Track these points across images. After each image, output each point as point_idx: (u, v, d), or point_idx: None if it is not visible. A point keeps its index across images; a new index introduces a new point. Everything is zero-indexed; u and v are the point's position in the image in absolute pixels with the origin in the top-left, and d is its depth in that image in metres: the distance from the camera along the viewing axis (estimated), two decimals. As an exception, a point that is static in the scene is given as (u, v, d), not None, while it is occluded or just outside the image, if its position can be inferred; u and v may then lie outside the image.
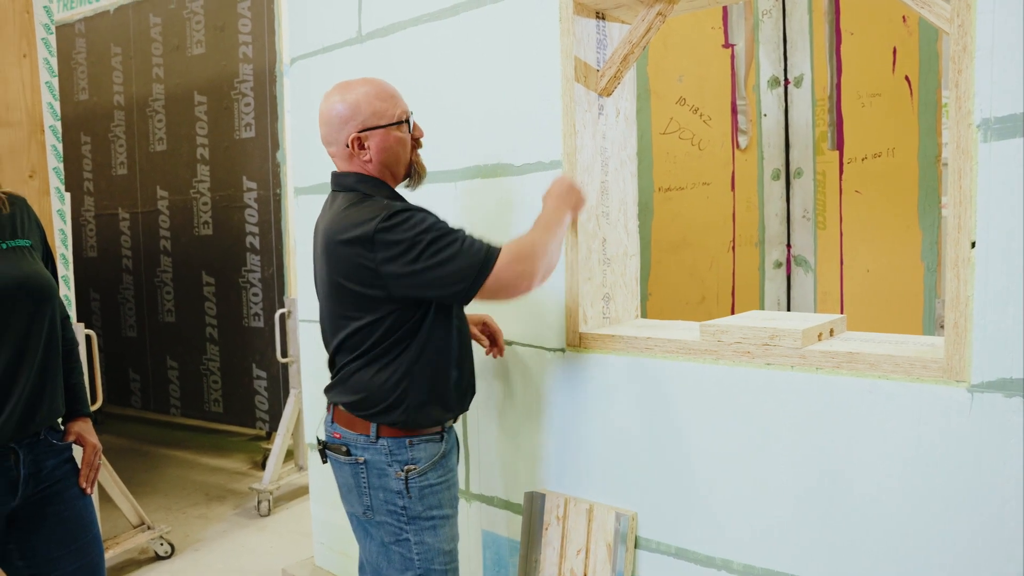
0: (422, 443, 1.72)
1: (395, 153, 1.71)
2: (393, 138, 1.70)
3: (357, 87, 1.70)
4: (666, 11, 1.88)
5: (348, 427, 1.74)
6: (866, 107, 3.29)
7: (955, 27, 1.42)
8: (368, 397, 1.70)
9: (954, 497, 1.47)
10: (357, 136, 1.68)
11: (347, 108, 1.67)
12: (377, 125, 1.68)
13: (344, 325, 1.70)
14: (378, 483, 1.72)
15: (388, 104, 1.69)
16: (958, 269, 1.45)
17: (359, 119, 1.67)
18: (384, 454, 1.71)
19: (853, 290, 3.40)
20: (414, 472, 1.70)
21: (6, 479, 1.54)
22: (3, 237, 1.59)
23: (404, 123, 1.71)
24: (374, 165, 1.71)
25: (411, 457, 1.71)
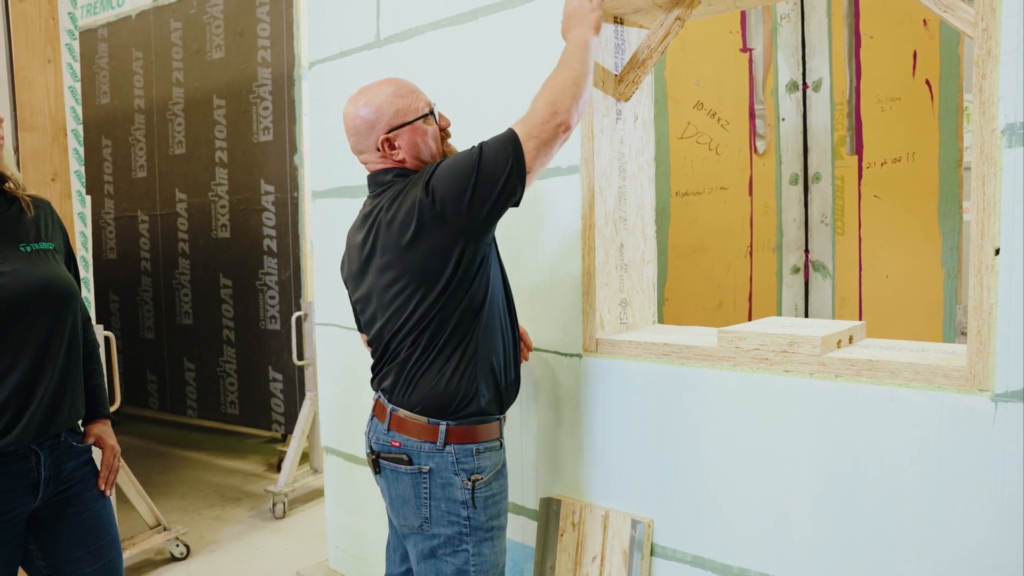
0: (487, 451, 1.71)
1: (426, 146, 1.72)
2: (421, 132, 1.71)
3: (377, 90, 1.71)
4: (684, 16, 1.87)
5: (411, 434, 1.68)
6: (886, 111, 3.26)
7: (979, 31, 1.41)
8: (438, 396, 1.66)
9: (978, 508, 1.45)
10: (386, 138, 1.69)
11: (372, 112, 1.69)
12: (404, 122, 1.69)
13: (399, 316, 1.66)
14: (441, 493, 1.67)
15: (410, 100, 1.70)
16: (981, 276, 1.43)
17: (384, 120, 1.68)
18: (451, 462, 1.67)
19: (872, 296, 3.37)
20: (481, 481, 1.68)
21: (27, 480, 1.55)
22: (27, 240, 1.61)
23: (429, 115, 1.72)
24: (408, 161, 1.72)
25: (477, 466, 1.68)
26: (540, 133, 1.58)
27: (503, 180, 1.57)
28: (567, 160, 2.02)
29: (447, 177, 1.58)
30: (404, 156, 1.70)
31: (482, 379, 1.68)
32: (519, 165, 1.57)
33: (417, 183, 1.62)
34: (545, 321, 2.11)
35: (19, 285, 1.52)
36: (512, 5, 2.12)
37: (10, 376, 1.51)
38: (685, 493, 1.86)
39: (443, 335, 1.65)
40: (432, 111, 1.73)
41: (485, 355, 1.69)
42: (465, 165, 1.58)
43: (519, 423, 2.20)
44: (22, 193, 1.66)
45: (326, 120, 2.75)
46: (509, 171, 1.57)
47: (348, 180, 2.66)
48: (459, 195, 1.57)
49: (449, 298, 1.63)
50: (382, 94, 1.70)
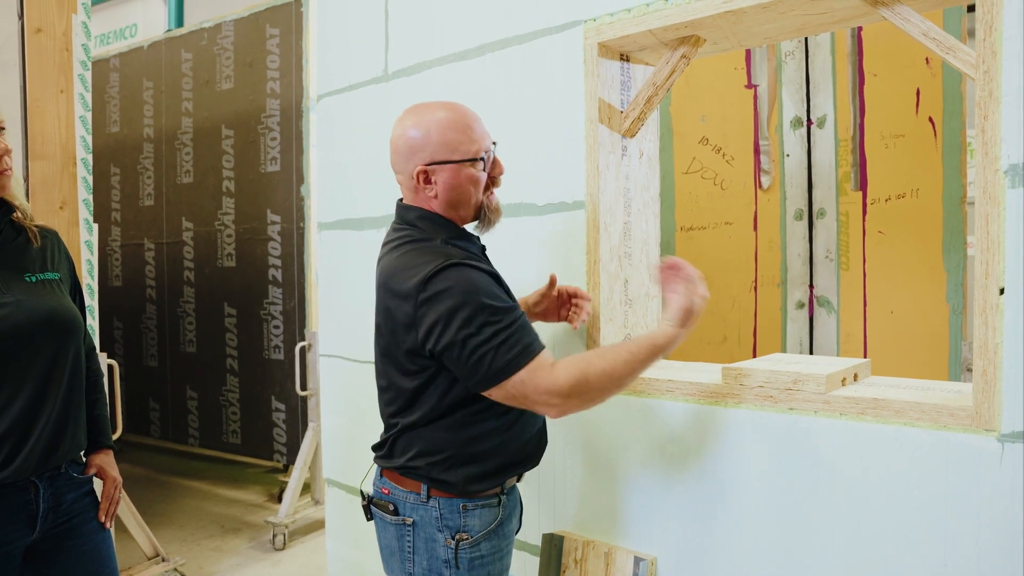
0: (477, 509, 1.55)
1: (464, 192, 1.53)
2: (464, 176, 1.52)
3: (432, 112, 1.53)
4: (690, 54, 1.89)
5: (398, 483, 1.58)
6: (889, 148, 3.28)
7: (981, 73, 1.42)
8: (418, 456, 1.54)
9: (984, 548, 1.43)
10: (424, 169, 1.51)
11: (418, 136, 1.51)
12: (447, 160, 1.51)
13: (396, 385, 1.56)
14: (424, 548, 1.56)
15: (463, 136, 1.51)
16: (986, 315, 1.42)
17: (428, 150, 1.50)
18: (434, 516, 1.54)
19: (877, 332, 3.36)
20: (465, 542, 1.53)
21: (25, 513, 1.54)
22: (33, 270, 1.61)
23: (479, 161, 1.53)
24: (439, 202, 1.54)
25: (463, 524, 1.54)
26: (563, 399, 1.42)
27: (473, 379, 1.43)
28: (572, 195, 2.03)
29: (435, 325, 1.42)
30: (438, 194, 1.53)
31: (490, 446, 1.56)
32: (500, 381, 1.41)
33: (414, 289, 1.43)
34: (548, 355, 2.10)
35: (22, 316, 1.52)
36: (519, 42, 2.15)
37: (11, 407, 1.50)
38: (689, 530, 1.84)
39: (442, 403, 1.53)
40: (484, 156, 1.54)
41: (504, 418, 1.57)
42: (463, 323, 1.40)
43: (522, 457, 2.18)
44: (29, 223, 1.66)
45: (332, 153, 2.78)
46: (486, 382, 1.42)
47: (353, 213, 2.68)
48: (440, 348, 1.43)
49: (441, 375, 1.51)
50: (435, 118, 1.51)
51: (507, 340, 1.41)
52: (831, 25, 1.81)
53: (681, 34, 1.87)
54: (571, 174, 2.03)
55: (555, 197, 2.07)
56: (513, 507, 1.67)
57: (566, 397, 1.42)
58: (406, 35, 2.47)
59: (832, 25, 1.81)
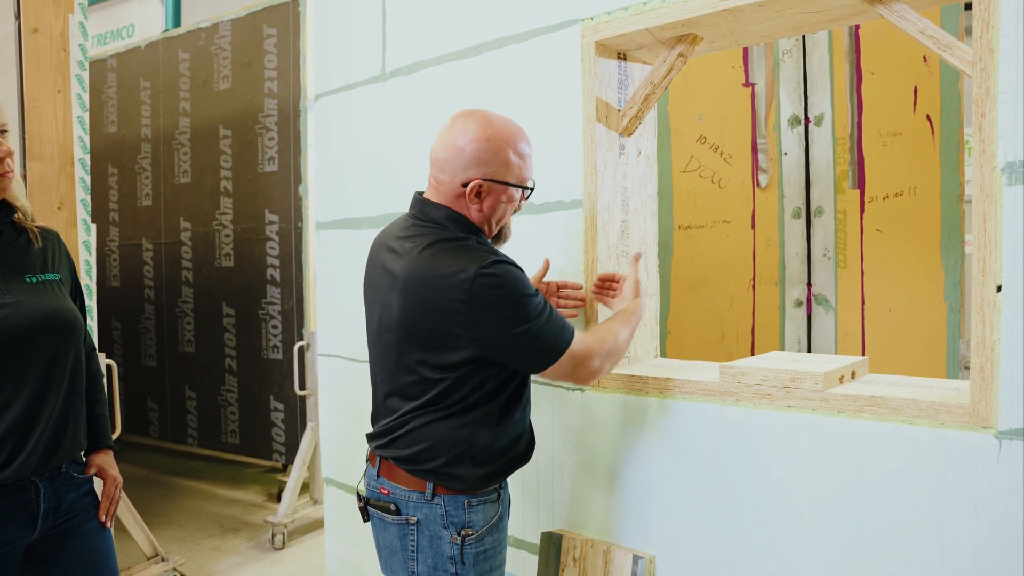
0: (480, 504, 1.60)
1: (502, 212, 1.63)
2: (506, 197, 1.60)
3: (503, 127, 1.57)
4: (687, 52, 1.90)
5: (399, 482, 1.60)
6: (887, 146, 3.28)
7: (977, 71, 1.42)
8: (429, 451, 1.57)
9: (982, 546, 1.43)
10: (480, 182, 1.54)
11: (484, 149, 1.55)
12: (504, 181, 1.57)
13: (413, 369, 1.56)
14: (429, 546, 1.58)
15: (522, 163, 1.59)
16: (984, 313, 1.43)
17: (492, 167, 1.55)
18: (440, 514, 1.58)
19: (875, 330, 3.36)
20: (471, 537, 1.58)
21: (25, 513, 1.54)
22: (33, 271, 1.61)
23: (529, 190, 1.64)
24: (478, 214, 1.60)
25: (468, 520, 1.58)
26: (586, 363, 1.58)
27: (528, 360, 1.56)
28: (569, 194, 2.03)
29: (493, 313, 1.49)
30: (481, 208, 1.59)
31: (497, 442, 1.61)
32: (549, 362, 1.54)
33: (469, 277, 1.47)
34: (547, 354, 2.10)
35: (22, 316, 1.52)
36: (517, 41, 2.15)
37: (12, 408, 1.50)
38: (687, 529, 1.84)
39: (461, 396, 1.57)
40: (532, 187, 1.64)
41: (510, 415, 1.64)
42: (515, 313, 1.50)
43: (520, 456, 2.19)
44: (31, 224, 1.67)
45: (330, 153, 2.78)
46: (540, 361, 1.55)
47: (351, 212, 2.68)
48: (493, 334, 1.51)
49: (469, 366, 1.55)
50: (505, 136, 1.57)
51: (555, 322, 1.55)
52: (828, 23, 1.81)
53: (678, 32, 1.87)
54: (569, 173, 2.03)
55: (553, 196, 2.08)
56: (507, 503, 1.75)
57: (604, 358, 1.60)
58: (403, 34, 2.47)
59: (829, 23, 1.82)
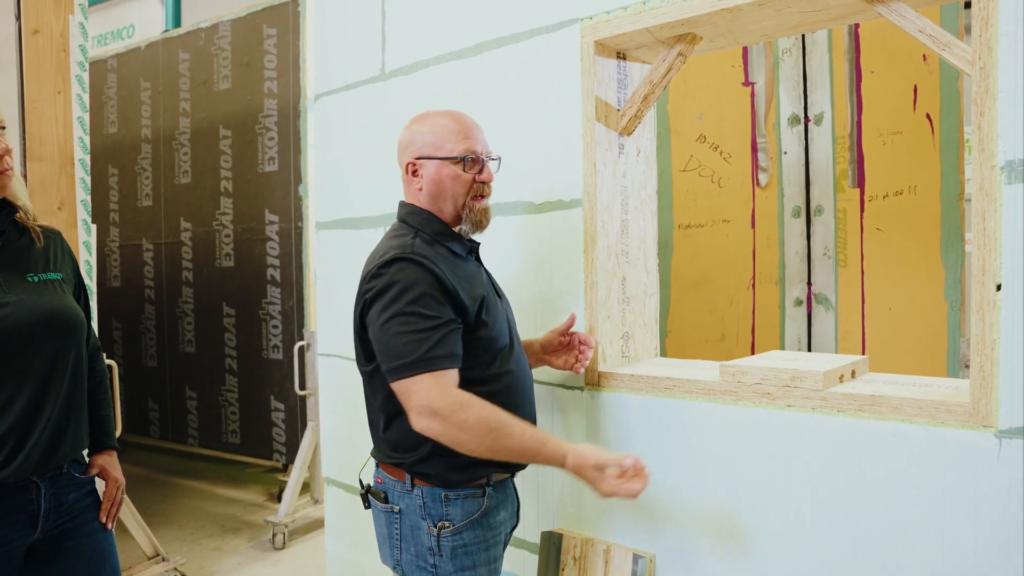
0: (459, 499, 1.61)
1: (444, 188, 1.65)
2: (446, 173, 1.65)
3: (431, 117, 1.70)
4: (687, 51, 1.90)
5: (387, 472, 1.67)
6: (887, 145, 3.28)
7: (977, 69, 1.43)
8: (401, 444, 1.62)
9: (982, 545, 1.43)
10: (412, 162, 1.68)
11: (411, 134, 1.69)
12: (432, 156, 1.65)
13: (364, 366, 1.66)
14: (410, 535, 1.63)
15: (451, 138, 1.65)
16: (983, 312, 1.43)
17: (417, 146, 1.67)
18: (418, 505, 1.61)
19: (875, 328, 3.36)
20: (447, 530, 1.59)
21: (26, 513, 1.54)
22: (35, 270, 1.62)
23: (461, 160, 1.65)
24: (424, 195, 1.68)
25: (444, 513, 1.60)
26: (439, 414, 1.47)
27: (383, 360, 1.53)
28: (569, 194, 2.03)
29: (373, 302, 1.55)
30: (423, 187, 1.67)
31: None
32: (398, 375, 1.50)
33: (373, 269, 1.56)
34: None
35: (23, 315, 1.52)
36: (516, 40, 2.15)
37: (12, 407, 1.50)
38: (687, 528, 1.84)
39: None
40: (468, 158, 1.65)
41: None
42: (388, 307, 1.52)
43: (521, 456, 2.19)
44: (32, 223, 1.67)
45: (330, 153, 2.78)
46: (386, 364, 1.52)
47: (351, 212, 2.68)
48: (370, 323, 1.56)
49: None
50: (431, 121, 1.69)
51: (417, 341, 1.48)
52: (828, 22, 1.81)
53: (677, 32, 1.87)
54: (568, 172, 2.03)
55: (552, 195, 2.08)
56: (502, 500, 1.70)
57: (431, 415, 1.47)
58: (403, 34, 2.47)
59: (829, 22, 1.81)
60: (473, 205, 1.67)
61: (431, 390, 1.47)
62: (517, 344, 1.75)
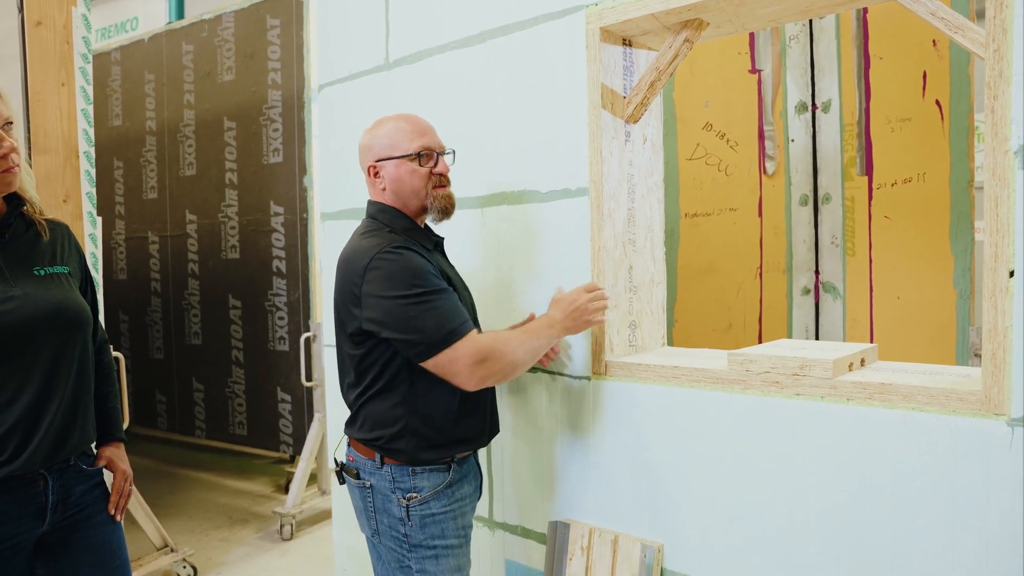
0: (426, 472, 1.74)
1: (405, 184, 1.78)
2: (404, 170, 1.78)
3: (386, 122, 1.82)
4: (693, 37, 1.88)
5: (358, 450, 1.80)
6: (896, 132, 3.25)
7: (990, 52, 1.40)
8: (373, 428, 1.74)
9: (993, 534, 1.42)
10: (372, 165, 1.81)
11: (370, 139, 1.82)
12: (389, 156, 1.78)
13: (347, 354, 1.77)
14: (383, 508, 1.76)
15: (405, 138, 1.78)
16: (995, 299, 1.41)
17: (376, 150, 1.80)
18: (388, 480, 1.74)
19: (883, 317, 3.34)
20: (415, 500, 1.72)
21: (34, 505, 1.53)
22: (41, 264, 1.61)
23: (417, 157, 1.77)
24: (388, 194, 1.81)
25: (413, 485, 1.73)
26: (466, 363, 1.62)
27: (408, 344, 1.64)
28: (576, 182, 2.02)
29: (376, 290, 1.65)
30: (386, 187, 1.80)
31: (424, 422, 1.72)
32: (430, 353, 1.63)
33: (365, 262, 1.66)
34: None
35: (29, 309, 1.52)
36: (521, 28, 2.14)
37: (19, 400, 1.50)
38: (696, 517, 1.84)
39: (380, 375, 1.72)
40: (423, 154, 1.78)
41: (432, 397, 1.72)
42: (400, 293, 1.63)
43: (527, 446, 2.18)
44: (39, 216, 1.66)
45: (334, 143, 2.77)
46: (419, 348, 1.63)
47: (356, 203, 2.67)
48: (374, 310, 1.65)
49: (379, 347, 1.70)
50: (387, 126, 1.81)
51: (438, 318, 1.62)
52: (836, 7, 1.79)
53: (684, 18, 1.85)
54: (574, 160, 2.02)
55: (558, 184, 2.06)
56: (467, 474, 1.83)
57: (481, 362, 1.62)
58: (407, 23, 2.45)
59: (837, 6, 1.79)
60: (436, 193, 1.80)
61: (472, 347, 1.62)
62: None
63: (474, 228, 2.27)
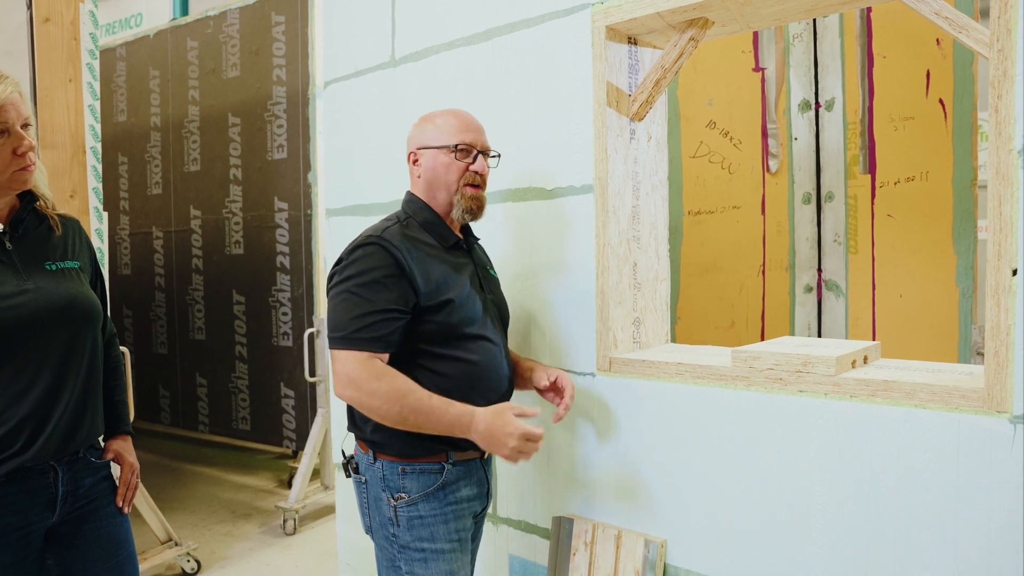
0: (415, 473, 1.69)
1: (438, 176, 1.78)
2: (440, 161, 1.78)
3: (438, 115, 1.83)
4: (698, 36, 1.88)
5: (359, 444, 1.80)
6: (899, 130, 3.26)
7: (995, 52, 1.41)
8: (357, 416, 1.75)
9: (995, 531, 1.43)
10: (412, 152, 1.83)
11: (418, 130, 1.83)
12: (429, 146, 1.79)
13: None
14: (375, 505, 1.75)
15: (449, 131, 1.78)
16: (999, 297, 1.42)
17: (420, 138, 1.82)
18: (379, 477, 1.72)
19: (885, 315, 3.35)
20: (403, 501, 1.69)
21: (45, 496, 1.55)
22: (53, 258, 1.63)
23: (454, 150, 1.77)
24: (422, 183, 1.82)
25: (401, 486, 1.70)
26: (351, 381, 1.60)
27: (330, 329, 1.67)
28: (580, 179, 2.03)
29: (333, 275, 1.71)
30: (421, 175, 1.81)
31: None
32: (333, 345, 1.64)
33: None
34: (558, 340, 2.11)
35: (41, 303, 1.54)
36: (527, 26, 2.14)
37: (30, 393, 1.51)
38: (699, 513, 1.85)
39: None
40: (460, 148, 1.76)
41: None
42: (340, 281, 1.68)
43: (532, 441, 2.19)
44: (51, 212, 1.68)
45: (339, 140, 2.78)
46: (331, 334, 1.65)
47: (361, 199, 2.68)
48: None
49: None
50: (438, 118, 1.82)
51: (354, 319, 1.61)
52: (840, 6, 1.80)
53: (689, 16, 1.86)
54: (579, 158, 2.03)
55: (564, 181, 2.07)
56: (464, 478, 1.75)
57: (347, 383, 1.60)
58: (413, 20, 2.46)
59: (841, 6, 1.80)
60: (465, 191, 1.78)
61: (353, 363, 1.59)
62: (495, 338, 1.79)
63: (477, 225, 2.28)
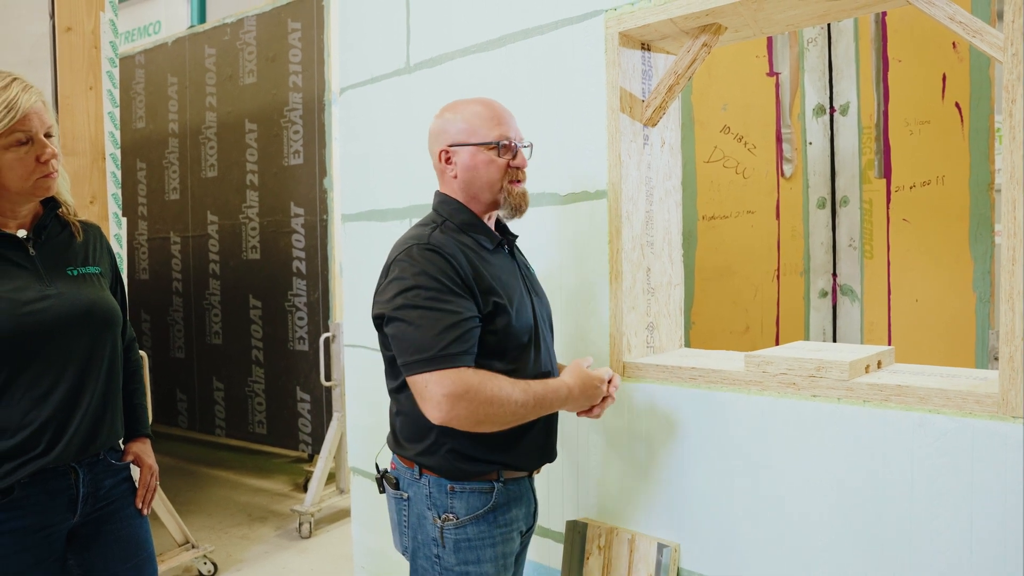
0: (465, 493, 1.58)
1: (479, 175, 1.62)
2: (481, 159, 1.61)
3: (463, 105, 1.67)
4: (711, 42, 1.89)
5: (400, 459, 1.66)
6: (914, 134, 3.24)
7: (1009, 56, 1.41)
8: (408, 431, 1.62)
9: (1010, 537, 1.43)
10: (445, 149, 1.64)
11: (443, 123, 1.66)
12: (465, 143, 1.62)
13: (383, 355, 1.64)
14: (417, 524, 1.63)
15: (484, 125, 1.62)
16: (1013, 301, 1.42)
17: (451, 134, 1.64)
18: (425, 495, 1.60)
19: (901, 320, 3.33)
20: (451, 523, 1.58)
21: (66, 497, 1.58)
22: (74, 264, 1.66)
23: (496, 146, 1.61)
24: (458, 184, 1.64)
25: (449, 505, 1.58)
26: (446, 398, 1.44)
27: (397, 354, 1.52)
28: (594, 185, 2.04)
29: (384, 291, 1.56)
30: (457, 175, 1.64)
31: (461, 434, 1.54)
32: (413, 370, 1.47)
33: (391, 259, 1.57)
34: (573, 345, 2.12)
35: (63, 308, 1.57)
36: (541, 32, 2.16)
37: (52, 396, 1.54)
38: (712, 517, 1.85)
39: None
40: (502, 144, 1.61)
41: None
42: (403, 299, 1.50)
43: (545, 445, 2.20)
44: (73, 218, 1.71)
45: (355, 146, 2.80)
46: (401, 359, 1.50)
47: (377, 204, 2.70)
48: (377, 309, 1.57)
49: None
50: (464, 109, 1.65)
51: (435, 337, 1.46)
52: (854, 11, 1.80)
53: (702, 22, 1.87)
54: (593, 163, 2.04)
55: (577, 186, 2.08)
56: (514, 498, 1.65)
57: (455, 400, 1.44)
58: (427, 27, 2.49)
59: (855, 11, 1.80)
60: (512, 189, 1.64)
61: (453, 378, 1.44)
62: (544, 343, 1.70)
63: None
